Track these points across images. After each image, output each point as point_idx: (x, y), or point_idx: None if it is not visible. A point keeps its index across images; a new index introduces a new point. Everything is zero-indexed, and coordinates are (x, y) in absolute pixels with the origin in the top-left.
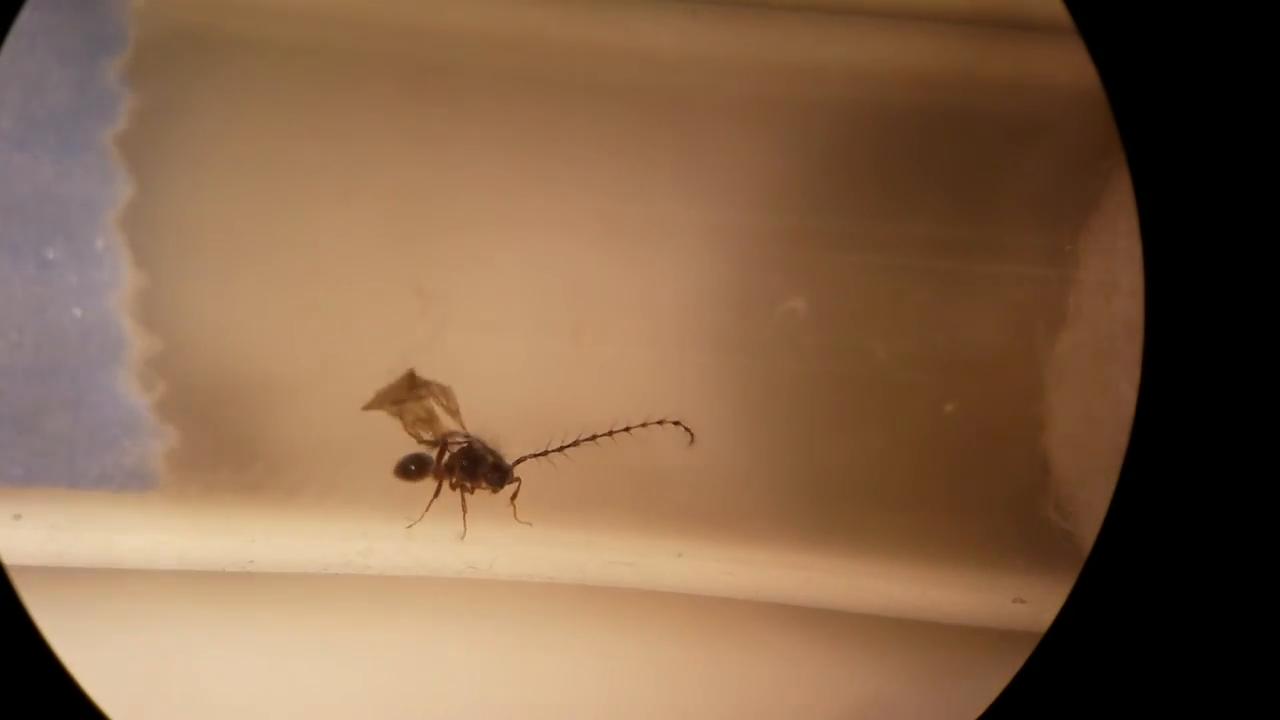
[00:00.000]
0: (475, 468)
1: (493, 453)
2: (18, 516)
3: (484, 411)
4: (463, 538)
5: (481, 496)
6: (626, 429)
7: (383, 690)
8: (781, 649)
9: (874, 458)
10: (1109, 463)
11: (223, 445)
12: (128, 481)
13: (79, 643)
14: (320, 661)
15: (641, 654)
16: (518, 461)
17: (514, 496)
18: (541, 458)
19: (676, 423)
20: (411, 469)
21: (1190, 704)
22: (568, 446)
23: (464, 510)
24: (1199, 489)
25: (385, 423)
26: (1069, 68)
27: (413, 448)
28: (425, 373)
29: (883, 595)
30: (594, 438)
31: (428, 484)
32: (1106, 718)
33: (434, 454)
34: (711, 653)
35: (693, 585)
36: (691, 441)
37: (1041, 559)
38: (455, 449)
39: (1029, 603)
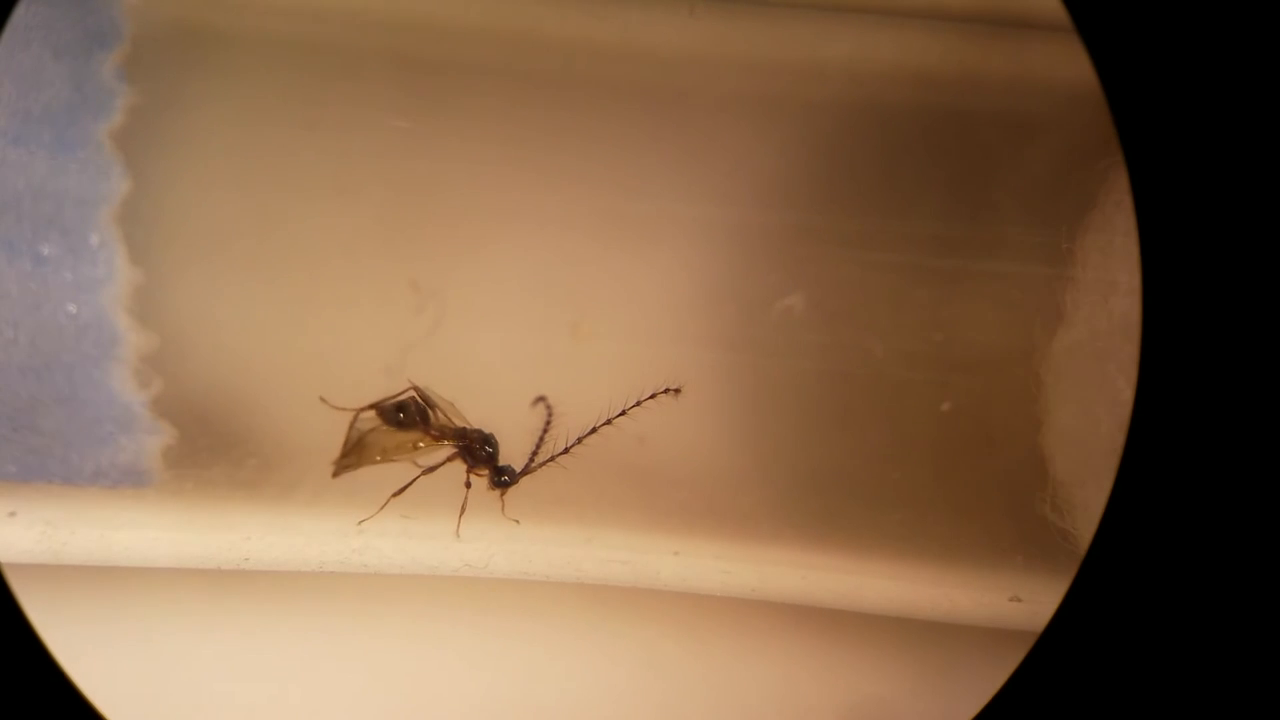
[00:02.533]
0: (486, 454)
1: (498, 449)
2: (12, 513)
3: (480, 407)
4: (457, 534)
5: (476, 497)
6: (622, 412)
7: (378, 687)
8: (778, 647)
9: (871, 456)
10: (1106, 461)
11: (218, 442)
12: (123, 478)
13: (73, 639)
14: (315, 659)
15: (638, 652)
16: (525, 472)
17: (503, 493)
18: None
19: (666, 390)
20: (400, 416)
21: (1187, 702)
22: (571, 446)
23: (462, 510)
24: (1196, 488)
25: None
26: (1067, 67)
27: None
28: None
29: (880, 594)
30: (594, 430)
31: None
32: (1103, 716)
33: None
34: (708, 651)
35: (689, 583)
36: (678, 393)
37: (1039, 558)
38: (475, 433)
39: (1026, 601)
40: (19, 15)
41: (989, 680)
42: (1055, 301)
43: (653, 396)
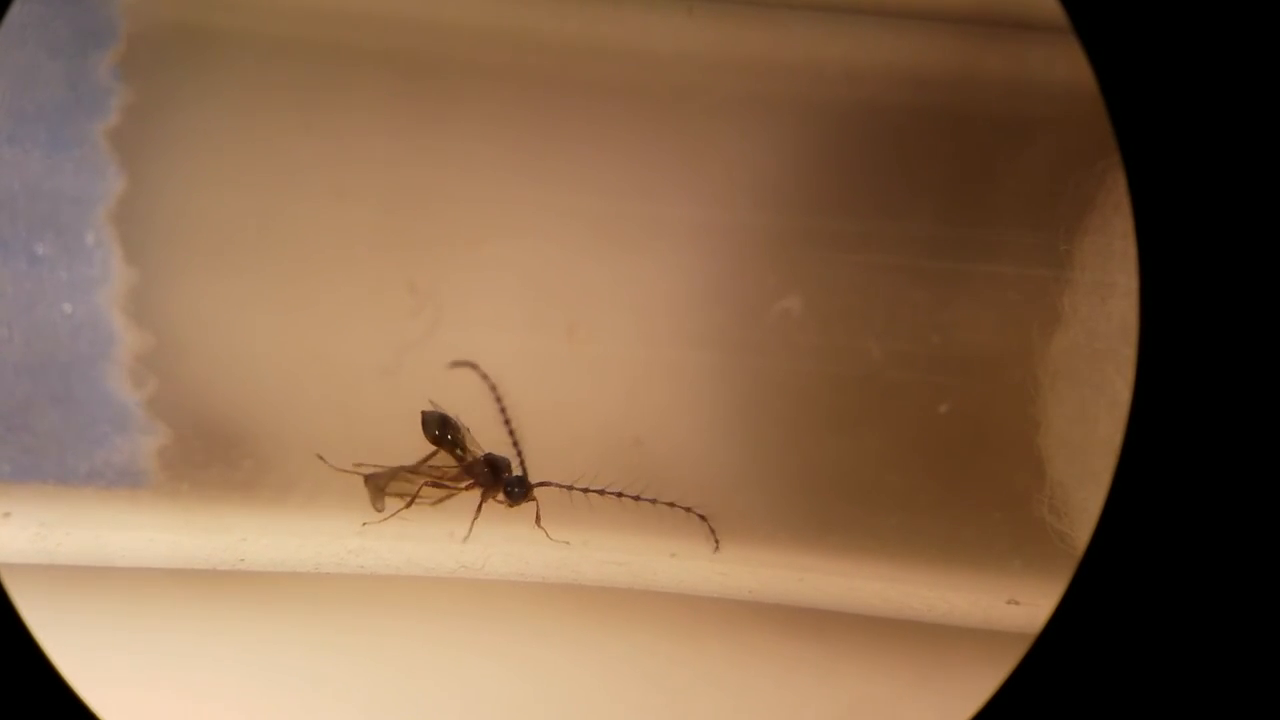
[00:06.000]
0: (496, 477)
1: (510, 467)
2: (7, 514)
3: (476, 410)
4: (465, 540)
5: (470, 500)
6: (654, 501)
7: (374, 690)
8: (775, 650)
9: (868, 458)
10: (1103, 463)
11: (214, 442)
12: (118, 479)
13: (68, 640)
14: (311, 661)
15: (634, 654)
16: (541, 484)
17: (538, 519)
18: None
19: (703, 517)
20: (436, 433)
21: (1184, 704)
22: (592, 493)
23: (476, 514)
24: (1193, 490)
25: (377, 422)
26: (1065, 68)
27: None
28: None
29: (877, 596)
30: (620, 495)
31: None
32: (1100, 718)
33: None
34: (705, 653)
35: (686, 585)
36: (716, 549)
37: (1036, 559)
38: (478, 456)
39: (1023, 604)
40: (14, 14)
41: (986, 682)
42: (1053, 303)
43: (694, 513)
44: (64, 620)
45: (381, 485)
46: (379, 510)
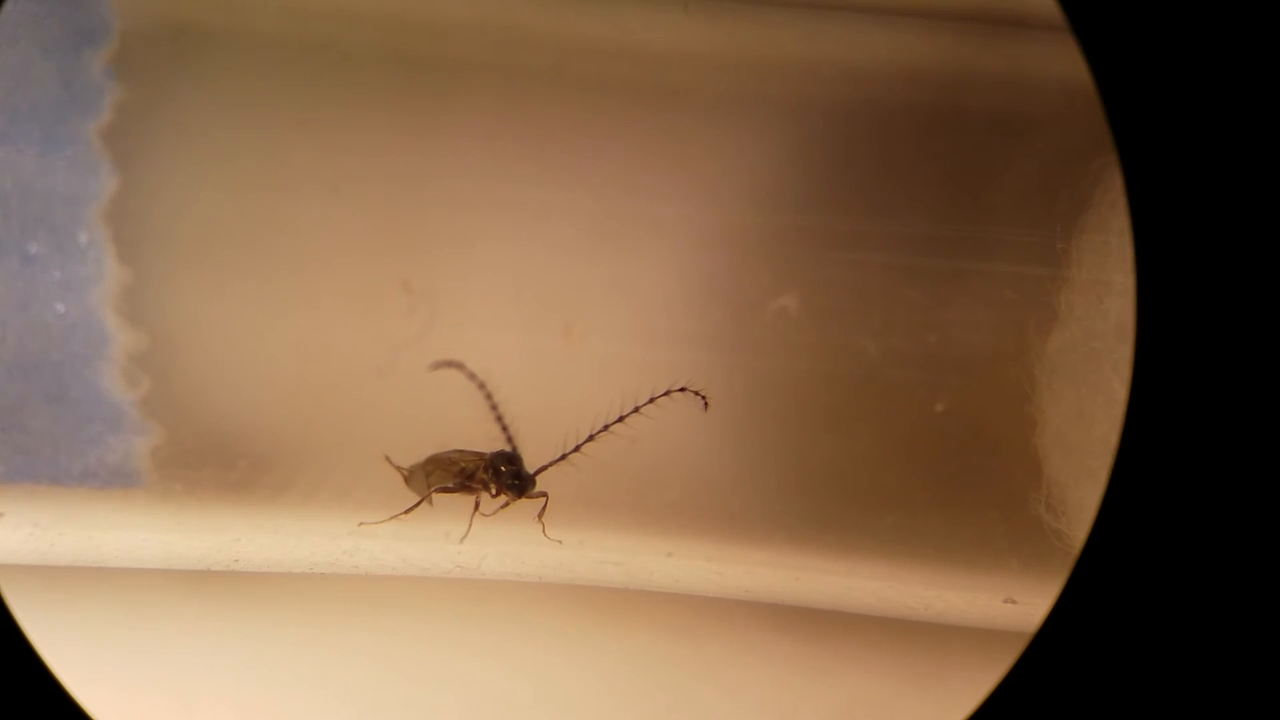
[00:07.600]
0: (496, 477)
1: (512, 461)
2: (0, 514)
3: (472, 409)
4: (462, 540)
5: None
6: (635, 409)
7: (370, 690)
8: (771, 649)
9: (865, 457)
10: (1100, 462)
11: (208, 442)
12: (111, 479)
13: (62, 641)
14: (306, 662)
15: (630, 654)
16: (539, 471)
17: (541, 514)
18: (561, 462)
19: (683, 389)
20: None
21: (1181, 704)
22: (583, 444)
23: (473, 513)
24: (1190, 488)
25: (373, 421)
26: (1062, 65)
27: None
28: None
29: (873, 595)
30: (606, 428)
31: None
32: (1097, 717)
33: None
34: (701, 653)
35: (682, 585)
36: (706, 407)
37: (1033, 559)
38: (480, 462)
39: (1020, 602)
40: (7, 12)
41: (983, 681)
42: (1050, 302)
43: (674, 391)
44: (57, 621)
45: (421, 478)
46: (429, 504)
